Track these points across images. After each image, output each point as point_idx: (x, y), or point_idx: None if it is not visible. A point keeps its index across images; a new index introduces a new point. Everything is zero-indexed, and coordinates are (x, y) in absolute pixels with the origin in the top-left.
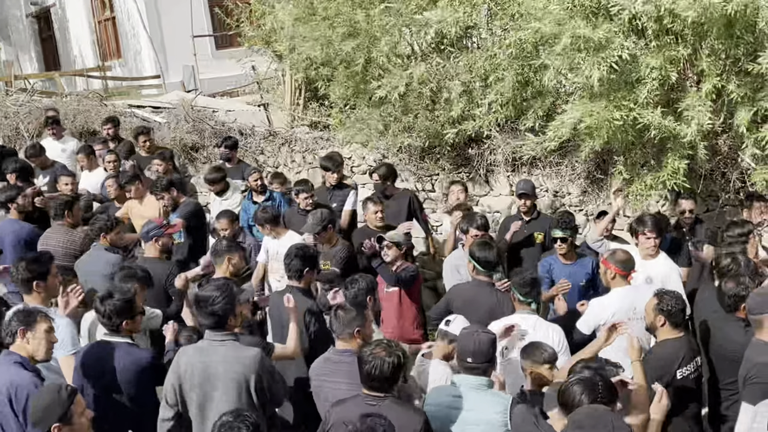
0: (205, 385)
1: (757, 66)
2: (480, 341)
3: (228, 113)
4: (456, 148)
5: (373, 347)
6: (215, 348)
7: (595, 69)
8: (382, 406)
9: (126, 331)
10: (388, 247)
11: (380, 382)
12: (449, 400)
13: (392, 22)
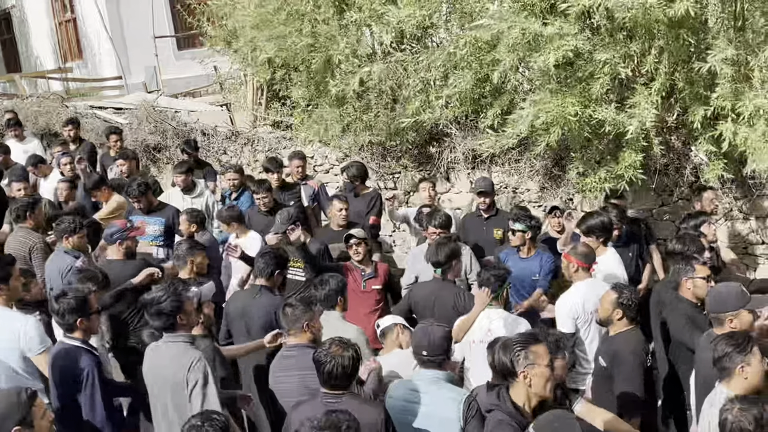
0: (155, 384)
1: (704, 64)
2: (434, 335)
3: (190, 114)
4: (417, 146)
5: (327, 347)
6: (166, 349)
7: (551, 55)
8: (342, 403)
9: (81, 331)
10: (357, 244)
11: (339, 380)
12: (407, 394)
13: (353, 18)
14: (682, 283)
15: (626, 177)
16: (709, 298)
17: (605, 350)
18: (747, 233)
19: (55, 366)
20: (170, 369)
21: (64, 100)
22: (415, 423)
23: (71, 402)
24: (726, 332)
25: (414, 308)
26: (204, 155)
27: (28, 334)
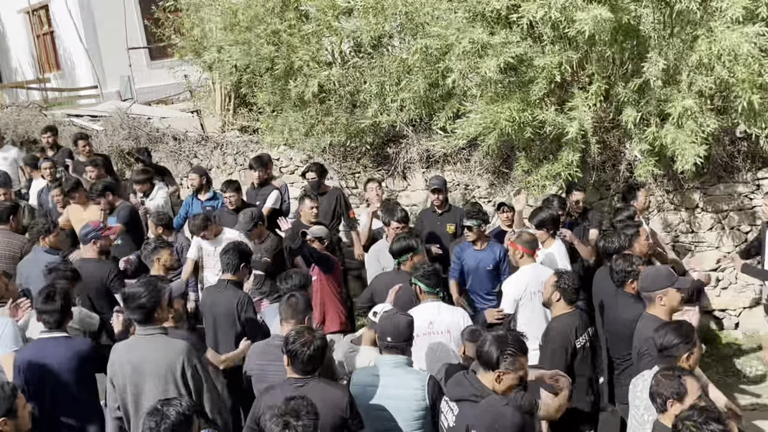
0: (135, 378)
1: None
2: (398, 323)
3: (162, 120)
4: (375, 147)
5: (295, 334)
6: (144, 342)
7: (493, 61)
8: (308, 387)
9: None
10: (311, 241)
11: (306, 365)
12: (372, 379)
13: (311, 29)
14: (627, 284)
15: (564, 174)
16: (641, 279)
17: (545, 330)
18: (678, 223)
19: (31, 361)
20: (152, 360)
21: (42, 109)
22: (382, 404)
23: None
24: (673, 323)
25: (375, 296)
26: (176, 159)
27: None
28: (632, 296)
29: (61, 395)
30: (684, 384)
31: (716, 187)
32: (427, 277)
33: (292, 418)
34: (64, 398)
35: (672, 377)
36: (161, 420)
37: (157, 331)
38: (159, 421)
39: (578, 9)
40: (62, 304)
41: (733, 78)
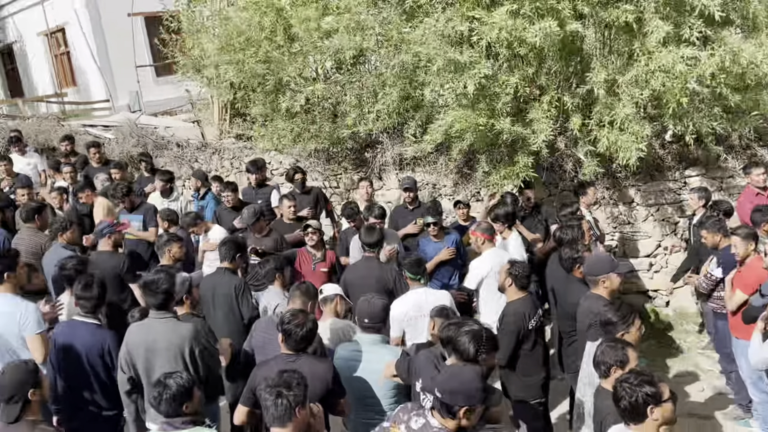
0: (148, 355)
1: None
2: (374, 306)
3: (167, 129)
4: (355, 151)
5: (290, 316)
6: (157, 324)
7: (470, 82)
8: (299, 362)
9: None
10: (313, 233)
11: (298, 344)
12: (353, 354)
13: (298, 49)
14: (575, 269)
15: (521, 176)
16: (586, 265)
17: (501, 314)
18: (617, 215)
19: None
20: (163, 340)
21: (60, 120)
22: (360, 375)
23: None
24: (615, 306)
25: (346, 282)
26: (179, 163)
27: (27, 318)
28: (580, 280)
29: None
30: (626, 354)
31: (649, 184)
32: (411, 266)
33: (284, 389)
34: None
35: (616, 348)
36: (164, 390)
37: (169, 315)
38: (162, 391)
39: (530, 25)
40: (99, 292)
41: (663, 88)
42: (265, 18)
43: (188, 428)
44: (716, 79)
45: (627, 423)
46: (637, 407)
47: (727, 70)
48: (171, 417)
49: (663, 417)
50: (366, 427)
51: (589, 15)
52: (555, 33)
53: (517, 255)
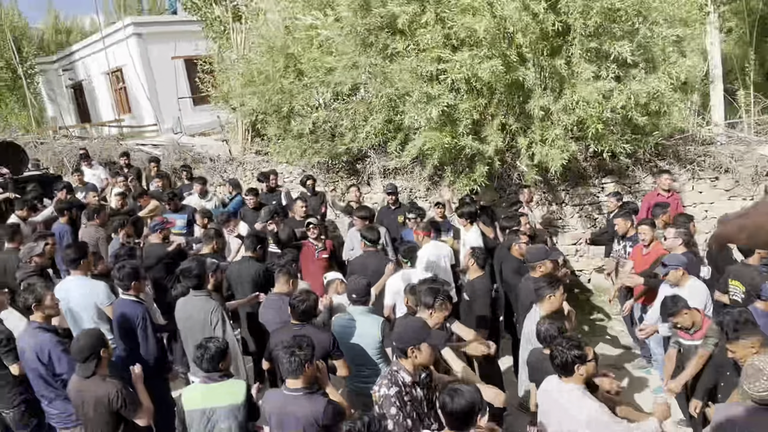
0: (188, 323)
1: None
2: (359, 284)
3: (202, 147)
4: (349, 163)
5: (298, 294)
6: (193, 301)
7: (434, 110)
8: (304, 329)
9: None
10: (314, 228)
11: (303, 315)
12: (345, 323)
13: (305, 82)
14: (512, 246)
15: (478, 182)
16: (526, 253)
17: (468, 289)
18: (550, 213)
19: (118, 313)
20: (198, 313)
21: (119, 140)
22: (353, 340)
23: (131, 337)
24: (542, 274)
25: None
26: (211, 173)
27: (100, 293)
28: (517, 259)
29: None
30: (563, 326)
31: (575, 189)
32: (405, 252)
33: (297, 348)
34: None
35: (553, 324)
36: (204, 351)
37: (204, 294)
38: (203, 352)
39: (483, 64)
40: (129, 272)
41: (587, 115)
42: (279, 60)
43: (223, 380)
44: (626, 108)
45: (560, 376)
46: (568, 365)
47: (636, 101)
48: (210, 372)
49: (587, 372)
50: (360, 378)
51: (532, 59)
52: (501, 71)
53: (476, 243)
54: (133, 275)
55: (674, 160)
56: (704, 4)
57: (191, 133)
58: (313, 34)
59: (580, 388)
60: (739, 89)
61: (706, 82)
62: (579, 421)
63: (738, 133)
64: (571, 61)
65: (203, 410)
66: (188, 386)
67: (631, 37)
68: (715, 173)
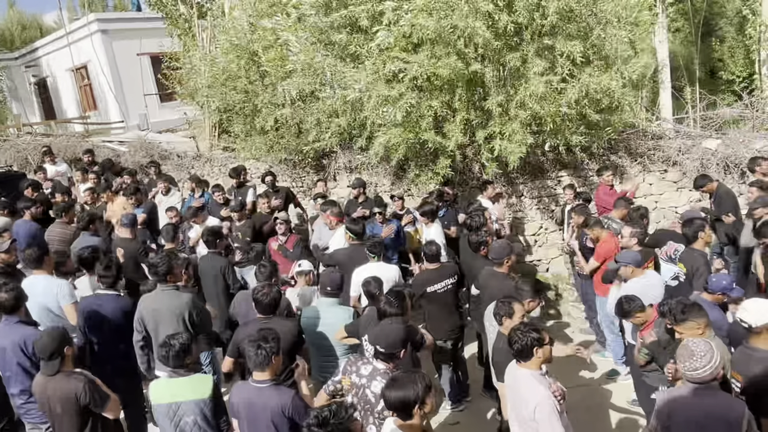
0: (156, 317)
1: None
2: (334, 277)
3: (169, 143)
4: (315, 159)
5: (261, 287)
6: (162, 294)
7: (398, 111)
8: (271, 323)
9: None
10: (281, 223)
11: (268, 308)
12: (315, 313)
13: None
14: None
15: (441, 174)
16: (491, 251)
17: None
18: (511, 205)
19: (106, 308)
20: (166, 306)
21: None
22: (322, 329)
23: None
24: (531, 281)
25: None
26: (179, 170)
27: (63, 291)
28: (483, 257)
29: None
30: (512, 307)
31: (534, 182)
32: (372, 247)
33: (263, 342)
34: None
35: (505, 303)
36: (170, 348)
37: (170, 287)
38: (168, 349)
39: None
40: (116, 271)
41: (543, 110)
42: (242, 60)
43: (190, 374)
44: (580, 104)
45: (518, 361)
46: (526, 349)
47: (589, 97)
48: (176, 368)
49: (544, 355)
50: (326, 368)
51: (489, 57)
52: (461, 68)
53: (438, 240)
54: (118, 273)
55: (626, 153)
56: (653, 5)
57: (158, 129)
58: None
59: (536, 372)
60: (686, 86)
61: (656, 80)
62: (528, 405)
63: (684, 128)
64: (526, 59)
65: (168, 405)
66: (155, 381)
67: (585, 37)
68: (664, 166)
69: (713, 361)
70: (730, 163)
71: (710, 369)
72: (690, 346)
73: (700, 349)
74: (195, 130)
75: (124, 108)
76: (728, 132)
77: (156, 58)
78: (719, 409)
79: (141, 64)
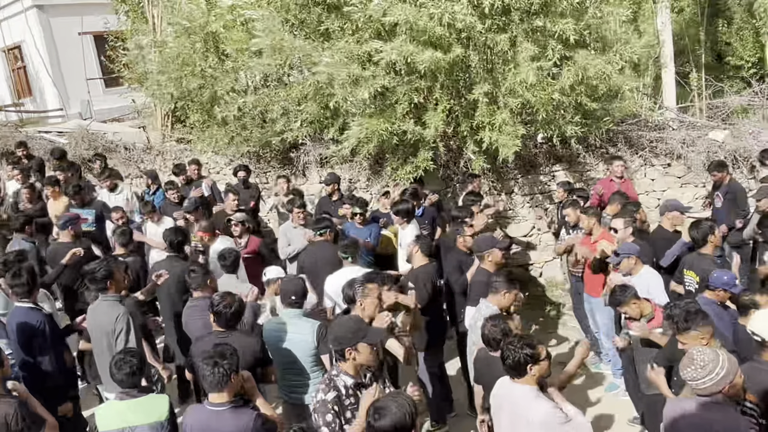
0: (95, 332)
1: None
2: (298, 285)
3: (115, 134)
4: (282, 152)
5: (220, 298)
6: (101, 306)
7: (366, 91)
8: (230, 338)
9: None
10: (236, 225)
11: (228, 321)
12: (278, 327)
13: (230, 66)
14: (458, 239)
15: (422, 167)
16: (473, 244)
17: (411, 278)
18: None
19: (13, 324)
20: (104, 320)
21: (18, 127)
22: (285, 345)
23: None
24: (505, 272)
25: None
26: (126, 164)
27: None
28: (461, 253)
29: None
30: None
31: (525, 177)
32: (344, 248)
33: (219, 358)
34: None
35: (497, 324)
36: (122, 365)
37: (111, 298)
38: (120, 365)
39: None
40: (28, 279)
41: (534, 98)
42: (197, 43)
43: (143, 395)
44: (576, 91)
45: (512, 377)
46: (519, 365)
47: (585, 83)
48: (128, 388)
49: (539, 372)
50: (293, 388)
51: (474, 40)
52: (442, 59)
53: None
54: (32, 281)
55: (626, 146)
56: None
57: (103, 119)
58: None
59: (534, 389)
60: (691, 72)
61: (658, 65)
62: (532, 423)
63: (689, 118)
64: (515, 41)
65: (121, 430)
66: (103, 404)
67: (579, 16)
68: (667, 159)
69: (715, 372)
70: (738, 156)
71: (713, 380)
72: (693, 353)
73: (703, 357)
74: (145, 120)
75: (64, 94)
76: (737, 122)
77: (100, 37)
78: (723, 427)
79: (83, 44)
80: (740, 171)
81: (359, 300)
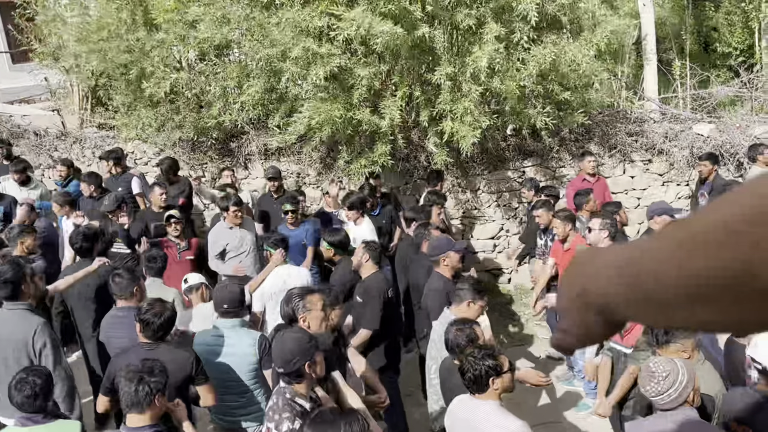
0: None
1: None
2: (232, 292)
3: (24, 117)
4: (220, 141)
5: (148, 305)
6: (7, 316)
7: (320, 70)
8: (158, 351)
9: None
10: (176, 223)
11: (156, 332)
12: (212, 339)
13: (161, 38)
14: (422, 243)
15: (379, 162)
16: (428, 247)
17: (360, 290)
18: (465, 202)
19: None
20: (13, 331)
21: None
22: (221, 359)
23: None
24: (470, 281)
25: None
26: (37, 152)
27: None
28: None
29: None
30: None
31: (492, 173)
32: (274, 243)
33: (147, 374)
34: None
35: (464, 329)
36: (24, 386)
37: (21, 307)
38: (22, 387)
39: (378, 25)
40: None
41: (502, 86)
42: (124, 10)
43: (50, 422)
44: (547, 79)
45: (472, 393)
46: (480, 379)
47: (556, 70)
48: (32, 413)
49: (503, 386)
50: (229, 410)
51: (439, 17)
52: (402, 35)
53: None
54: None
55: (602, 140)
56: None
57: (9, 99)
58: None
59: (497, 404)
60: (675, 60)
61: (639, 51)
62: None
63: (672, 110)
64: (484, 20)
65: None
66: None
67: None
68: (647, 155)
69: (678, 381)
70: (725, 152)
71: (677, 390)
72: (651, 366)
73: (661, 368)
74: (60, 101)
75: None
76: (723, 115)
77: (7, 4)
78: None
79: None
80: (726, 168)
81: (301, 316)
